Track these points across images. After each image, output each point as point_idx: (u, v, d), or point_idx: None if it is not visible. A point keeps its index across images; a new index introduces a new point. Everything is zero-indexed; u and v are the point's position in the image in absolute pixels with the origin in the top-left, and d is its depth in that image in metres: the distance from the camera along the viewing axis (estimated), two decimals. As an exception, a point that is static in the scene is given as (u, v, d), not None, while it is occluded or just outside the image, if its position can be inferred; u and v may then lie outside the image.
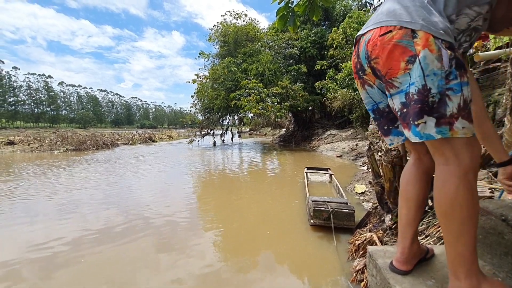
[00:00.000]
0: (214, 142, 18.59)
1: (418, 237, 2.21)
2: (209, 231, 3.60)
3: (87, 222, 3.83)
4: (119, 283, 2.40)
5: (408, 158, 2.99)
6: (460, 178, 0.86)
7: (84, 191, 5.63)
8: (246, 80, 14.91)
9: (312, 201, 3.61)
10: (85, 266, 2.69)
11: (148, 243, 3.18)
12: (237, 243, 3.26)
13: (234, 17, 18.83)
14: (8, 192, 5.52)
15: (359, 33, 1.06)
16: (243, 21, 18.85)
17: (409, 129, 0.93)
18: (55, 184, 6.29)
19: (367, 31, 1.00)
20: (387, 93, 0.99)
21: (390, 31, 0.90)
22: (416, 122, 0.90)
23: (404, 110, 0.93)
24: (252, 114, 16.21)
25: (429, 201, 2.55)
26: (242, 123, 18.92)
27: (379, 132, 1.20)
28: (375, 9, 17.90)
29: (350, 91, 12.14)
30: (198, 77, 17.67)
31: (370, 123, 8.46)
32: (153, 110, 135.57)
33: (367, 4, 20.04)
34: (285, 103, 14.98)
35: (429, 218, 2.36)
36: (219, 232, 3.57)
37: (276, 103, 14.74)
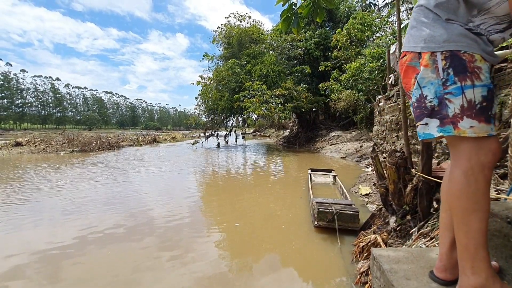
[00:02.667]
0: (218, 144, 18.63)
1: (424, 239, 2.20)
2: (213, 232, 3.61)
3: (92, 223, 3.87)
4: (124, 284, 2.42)
5: (413, 160, 2.97)
6: (464, 173, 0.94)
7: (89, 191, 5.69)
8: (250, 82, 14.94)
9: (316, 202, 3.60)
10: (90, 266, 2.72)
11: (153, 244, 3.20)
12: (240, 245, 3.26)
13: (238, 19, 18.93)
14: (15, 193, 5.61)
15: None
16: (247, 23, 18.93)
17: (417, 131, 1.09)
18: (61, 185, 6.37)
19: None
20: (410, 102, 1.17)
21: (405, 55, 1.09)
22: (416, 124, 1.05)
23: (414, 116, 1.11)
24: (256, 116, 16.23)
25: (434, 203, 2.53)
26: (246, 125, 18.94)
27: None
28: (379, 10, 17.83)
29: (354, 92, 12.07)
30: (202, 79, 17.77)
31: (374, 124, 8.40)
32: (158, 111, 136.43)
33: (371, 5, 19.99)
34: (289, 104, 14.97)
35: (434, 220, 2.34)
36: (222, 233, 3.58)
37: (279, 104, 14.74)
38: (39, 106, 79.24)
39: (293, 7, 2.50)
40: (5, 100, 69.23)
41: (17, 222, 3.94)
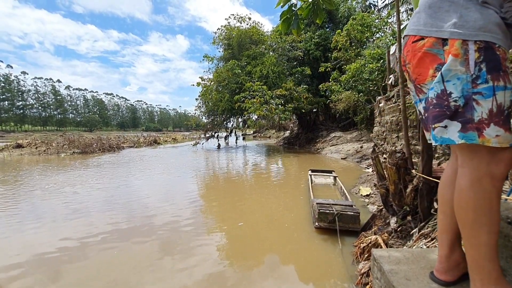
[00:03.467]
0: (219, 145, 18.65)
1: (425, 240, 2.19)
2: (213, 233, 3.61)
3: (92, 224, 3.87)
4: (124, 285, 2.42)
5: (413, 160, 2.97)
6: (472, 182, 0.85)
7: (90, 193, 5.70)
8: (250, 83, 14.96)
9: (317, 203, 3.60)
10: (91, 267, 2.72)
11: (153, 245, 3.20)
12: (241, 246, 3.26)
13: (238, 21, 18.99)
14: (16, 194, 5.61)
15: (404, 33, 1.06)
16: (247, 24, 18.99)
17: (429, 132, 0.95)
18: (61, 186, 6.38)
19: (406, 35, 1.01)
20: (416, 97, 1.01)
21: (422, 38, 0.91)
22: (433, 126, 0.91)
23: (426, 115, 0.96)
24: (256, 116, 16.24)
25: (435, 204, 2.53)
26: (246, 126, 18.95)
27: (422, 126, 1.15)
28: (379, 11, 17.85)
29: (354, 93, 12.08)
30: (202, 80, 17.80)
31: (375, 125, 8.40)
32: (158, 113, 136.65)
33: (370, 6, 20.02)
34: (289, 105, 14.99)
35: (435, 221, 2.34)
36: (223, 235, 3.58)
37: (280, 105, 14.76)
38: (40, 108, 79.39)
39: (293, 8, 2.51)
40: (6, 102, 69.38)
41: (18, 224, 3.94)
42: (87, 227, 3.78)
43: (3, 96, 68.26)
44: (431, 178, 2.39)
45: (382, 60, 10.22)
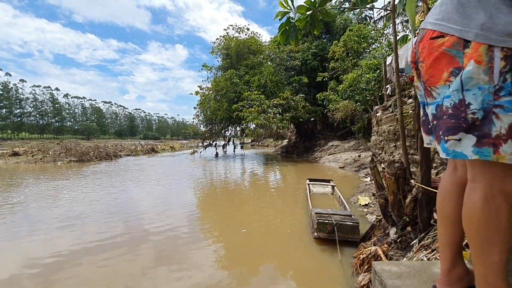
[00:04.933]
0: (217, 153, 18.60)
1: (426, 251, 2.17)
2: (210, 243, 3.55)
3: (87, 234, 3.79)
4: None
5: (411, 170, 2.97)
6: (486, 199, 0.80)
7: (85, 202, 5.61)
8: (248, 92, 15.07)
9: (316, 213, 3.56)
10: (85, 277, 2.64)
11: (149, 255, 3.13)
12: (239, 257, 3.20)
13: (237, 31, 19.29)
14: (10, 204, 5.51)
15: (421, 25, 0.96)
16: (245, 34, 19.29)
17: (438, 142, 0.89)
18: (56, 196, 6.28)
19: (423, 28, 0.92)
20: (424, 99, 0.95)
21: (443, 36, 0.82)
22: (446, 138, 0.84)
23: (435, 122, 0.89)
24: (254, 125, 16.30)
25: (435, 215, 2.51)
26: (244, 134, 18.99)
27: (422, 129, 1.06)
28: (375, 22, 18.23)
29: (351, 102, 12.21)
30: (201, 89, 17.92)
31: (372, 134, 8.44)
32: (156, 121, 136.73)
33: (366, 18, 20.46)
34: (287, 114, 15.07)
35: (435, 232, 2.31)
36: (220, 245, 3.52)
37: (278, 114, 14.84)
38: (37, 115, 79.24)
39: (291, 20, 2.55)
40: (4, 109, 69.20)
41: (10, 233, 3.86)
42: (81, 236, 3.69)
43: (1, 104, 68.09)
44: (430, 188, 2.38)
45: (378, 70, 10.38)
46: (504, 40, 0.71)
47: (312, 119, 17.95)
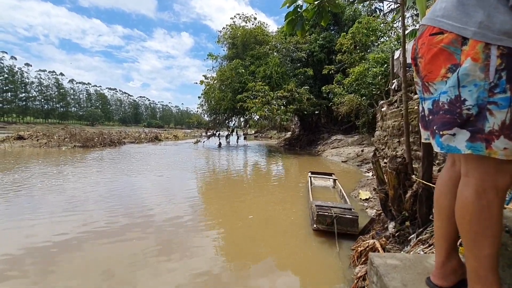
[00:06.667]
0: (220, 144, 18.66)
1: (423, 246, 2.19)
2: (210, 233, 3.61)
3: (89, 220, 3.87)
4: (118, 281, 2.42)
5: (413, 166, 2.97)
6: (478, 193, 0.83)
7: (88, 188, 5.71)
8: (253, 83, 14.97)
9: (316, 205, 3.59)
10: (85, 262, 2.71)
11: (149, 243, 3.20)
12: (238, 246, 3.26)
13: (243, 20, 18.98)
14: (14, 187, 5.63)
15: (422, 21, 0.98)
16: (252, 24, 18.98)
17: (433, 136, 0.91)
18: (60, 180, 6.39)
19: (424, 24, 0.94)
20: (422, 94, 0.97)
21: (442, 32, 0.84)
22: (441, 132, 0.87)
23: (430, 117, 0.92)
24: (258, 117, 16.26)
25: (433, 210, 2.52)
26: (248, 125, 18.98)
27: (420, 124, 1.07)
28: (384, 15, 17.82)
29: (357, 96, 12.07)
30: (206, 78, 17.83)
31: (376, 129, 8.39)
32: (160, 109, 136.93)
33: (376, 10, 19.99)
34: (291, 106, 14.99)
35: (433, 228, 2.33)
36: (220, 235, 3.58)
37: (282, 106, 14.76)
38: (42, 100, 79.70)
39: (298, 10, 2.51)
40: (9, 93, 69.67)
41: (14, 216, 3.96)
42: (83, 221, 3.77)
43: (6, 88, 68.47)
44: (430, 184, 2.39)
45: (386, 65, 10.21)
46: (500, 38, 0.74)
47: (317, 112, 17.84)
